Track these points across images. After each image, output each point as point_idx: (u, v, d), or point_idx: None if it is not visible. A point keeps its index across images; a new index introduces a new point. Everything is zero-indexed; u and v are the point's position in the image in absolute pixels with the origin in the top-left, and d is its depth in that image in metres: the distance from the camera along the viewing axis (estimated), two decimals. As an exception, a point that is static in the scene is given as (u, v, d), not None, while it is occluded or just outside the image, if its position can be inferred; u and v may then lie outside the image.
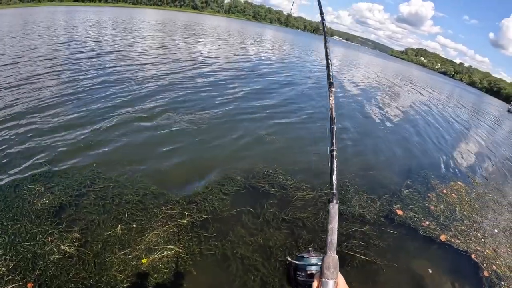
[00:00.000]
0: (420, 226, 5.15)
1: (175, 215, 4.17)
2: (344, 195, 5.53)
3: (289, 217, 4.60)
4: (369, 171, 6.79)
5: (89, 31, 22.35)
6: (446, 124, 14.67)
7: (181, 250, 3.63)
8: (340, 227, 4.60)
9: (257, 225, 4.33)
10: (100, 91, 8.86)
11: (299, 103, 11.33)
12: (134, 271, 3.26)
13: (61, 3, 65.54)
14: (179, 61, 15.15)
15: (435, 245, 4.86)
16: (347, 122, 10.31)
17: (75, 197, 4.27)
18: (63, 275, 3.11)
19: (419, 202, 5.88)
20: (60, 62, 11.88)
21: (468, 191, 7.05)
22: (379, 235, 4.68)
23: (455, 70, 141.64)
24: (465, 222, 5.64)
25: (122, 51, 15.46)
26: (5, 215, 3.78)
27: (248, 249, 3.84)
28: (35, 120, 6.54)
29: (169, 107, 8.24)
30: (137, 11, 70.80)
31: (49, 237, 3.51)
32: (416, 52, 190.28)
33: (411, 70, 73.61)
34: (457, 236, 5.15)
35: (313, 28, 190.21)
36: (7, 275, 3.02)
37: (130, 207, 4.20)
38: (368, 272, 3.99)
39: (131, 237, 3.69)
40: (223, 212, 4.44)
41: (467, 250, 4.84)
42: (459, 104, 28.09)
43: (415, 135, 11.00)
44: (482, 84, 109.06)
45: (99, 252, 3.44)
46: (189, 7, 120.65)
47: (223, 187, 5.03)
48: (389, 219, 5.18)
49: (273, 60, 22.70)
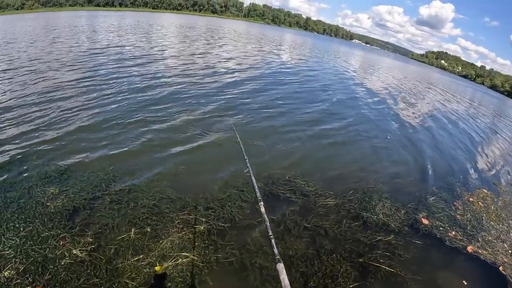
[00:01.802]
0: (446, 236, 4.84)
1: (191, 221, 4.01)
2: (368, 202, 5.26)
3: (310, 225, 4.38)
4: (394, 178, 6.49)
5: (125, 34, 22.69)
6: (470, 129, 14.13)
7: (196, 258, 3.46)
8: (364, 236, 4.39)
9: (278, 233, 4.11)
10: (121, 95, 8.88)
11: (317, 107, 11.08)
12: (147, 279, 3.11)
13: (82, 8, 67.31)
14: (214, 67, 15.14)
15: (461, 256, 4.54)
16: (371, 126, 10.06)
17: (89, 200, 4.18)
18: (74, 280, 3.00)
19: (444, 211, 5.56)
20: (82, 66, 12.07)
21: (494, 199, 6.67)
22: (404, 245, 4.41)
23: (476, 73, 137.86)
24: (492, 232, 5.30)
25: (148, 55, 15.64)
26: (18, 216, 3.72)
27: (267, 259, 3.62)
28: (53, 122, 6.56)
29: (187, 110, 8.16)
30: (159, 15, 72.06)
31: (61, 241, 3.41)
32: (437, 55, 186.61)
33: (432, 73, 72.04)
34: (484, 247, 4.82)
35: (332, 31, 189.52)
36: (16, 278, 2.94)
37: (145, 211, 4.07)
38: (392, 285, 3.73)
39: (145, 242, 3.55)
40: (242, 220, 4.25)
41: (495, 262, 4.50)
42: (482, 108, 27.18)
43: (439, 140, 10.58)
44: (504, 87, 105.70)
45: (111, 257, 3.31)
46: (209, 11, 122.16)
47: (242, 193, 4.83)
48: (414, 228, 4.89)
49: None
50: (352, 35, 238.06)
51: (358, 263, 3.89)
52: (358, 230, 4.51)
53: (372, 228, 4.64)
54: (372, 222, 4.76)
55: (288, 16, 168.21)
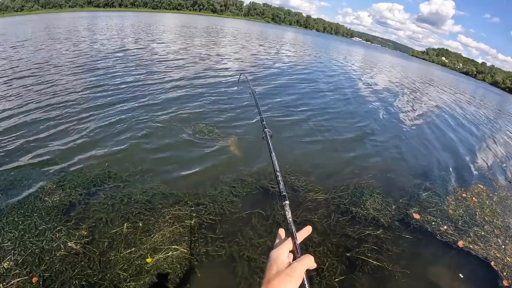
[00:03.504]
0: (438, 231, 4.91)
1: (182, 216, 4.13)
2: (359, 197, 5.36)
3: (299, 219, 4.48)
4: (387, 173, 6.59)
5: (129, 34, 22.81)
6: (468, 125, 14.14)
7: (186, 250, 3.59)
8: (352, 231, 4.47)
9: (266, 227, 4.22)
10: (118, 93, 9.07)
11: (312, 103, 11.17)
12: (138, 270, 3.24)
13: (82, 9, 67.41)
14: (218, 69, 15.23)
15: (452, 251, 4.60)
16: (367, 121, 10.19)
17: (85, 195, 4.32)
18: (68, 271, 3.13)
19: (437, 205, 5.64)
20: (83, 64, 12.21)
21: (489, 195, 6.73)
22: (393, 240, 4.49)
23: (477, 70, 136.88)
24: (485, 228, 5.36)
25: (145, 57, 15.72)
26: (17, 211, 3.87)
27: (255, 251, 3.75)
28: (51, 119, 6.75)
29: (186, 111, 8.26)
30: (160, 15, 72.06)
31: (57, 234, 3.56)
32: (438, 52, 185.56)
33: (433, 70, 71.70)
34: (476, 242, 4.89)
35: (332, 29, 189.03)
36: (14, 269, 3.07)
37: (138, 207, 4.20)
38: (380, 278, 3.81)
39: (137, 236, 3.68)
40: (232, 214, 4.38)
41: (486, 257, 4.57)
42: (482, 104, 27.11)
43: (437, 135, 10.65)
44: (505, 84, 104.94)
45: (104, 250, 3.44)
46: (208, 11, 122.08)
47: (234, 188, 4.97)
48: (405, 223, 4.97)
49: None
50: (353, 33, 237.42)
51: (345, 257, 3.97)
52: (346, 224, 4.60)
53: (362, 222, 4.72)
54: (361, 217, 4.84)
55: (288, 14, 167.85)
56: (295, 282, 0.79)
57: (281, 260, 0.86)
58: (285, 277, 0.79)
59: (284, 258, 0.88)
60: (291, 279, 0.79)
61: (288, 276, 0.79)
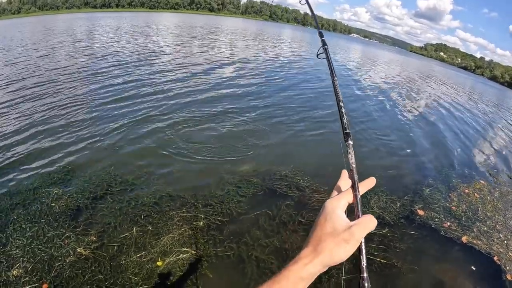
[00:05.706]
0: (441, 227, 4.94)
1: (190, 218, 4.15)
2: (363, 196, 5.34)
3: (305, 219, 4.49)
4: (390, 170, 6.62)
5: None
6: (469, 121, 14.16)
7: (196, 252, 3.61)
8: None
9: (273, 227, 4.25)
10: (123, 96, 9.05)
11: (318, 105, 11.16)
12: (150, 274, 3.26)
13: (79, 10, 67.18)
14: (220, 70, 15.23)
15: (456, 246, 4.64)
16: (368, 118, 10.20)
17: (92, 200, 4.32)
18: (79, 277, 3.14)
19: (440, 202, 5.67)
20: (85, 66, 12.20)
21: (491, 190, 6.75)
22: (400, 237, 4.51)
23: (475, 65, 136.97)
24: (488, 223, 5.39)
25: (145, 57, 15.69)
26: (24, 217, 3.87)
27: (263, 252, 3.78)
28: (55, 124, 6.74)
29: (190, 111, 8.28)
30: (158, 15, 71.91)
31: (66, 240, 3.56)
32: (436, 48, 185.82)
33: (432, 65, 71.75)
34: (479, 237, 4.92)
35: (330, 26, 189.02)
36: (24, 276, 3.08)
37: (146, 210, 4.22)
38: (387, 276, 3.84)
39: (146, 240, 3.69)
40: (240, 214, 4.40)
41: (489, 252, 4.60)
42: (482, 99, 27.11)
43: (438, 131, 10.67)
44: (504, 78, 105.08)
45: (114, 254, 3.46)
46: (206, 10, 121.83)
47: (240, 189, 4.98)
48: (410, 220, 4.99)
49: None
50: (350, 29, 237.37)
51: (352, 256, 3.98)
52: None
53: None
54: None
55: (286, 12, 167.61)
56: (351, 250, 0.68)
57: (338, 216, 0.73)
58: (341, 242, 0.68)
59: (341, 213, 0.75)
60: (346, 246, 0.67)
61: (345, 242, 0.68)
